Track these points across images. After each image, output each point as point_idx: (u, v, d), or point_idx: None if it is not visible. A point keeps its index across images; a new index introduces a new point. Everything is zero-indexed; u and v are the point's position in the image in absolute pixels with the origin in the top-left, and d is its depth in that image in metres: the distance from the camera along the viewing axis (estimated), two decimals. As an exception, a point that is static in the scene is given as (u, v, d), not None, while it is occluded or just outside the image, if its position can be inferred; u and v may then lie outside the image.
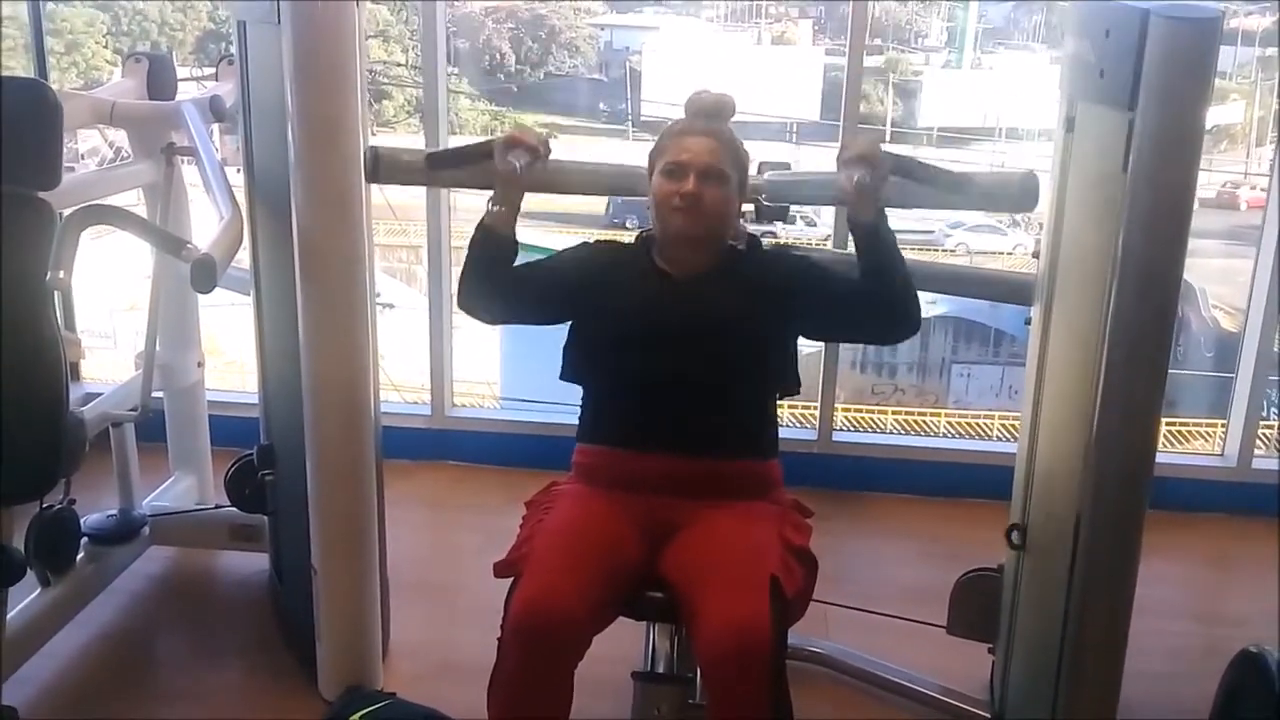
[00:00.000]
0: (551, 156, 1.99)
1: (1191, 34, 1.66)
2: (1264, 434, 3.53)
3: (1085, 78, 1.95)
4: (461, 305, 2.02)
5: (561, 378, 2.07)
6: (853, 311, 1.95)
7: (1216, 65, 1.72)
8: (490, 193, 1.97)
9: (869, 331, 2.03)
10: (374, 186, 2.27)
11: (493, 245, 1.95)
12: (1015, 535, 2.22)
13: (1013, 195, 1.94)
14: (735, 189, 2.00)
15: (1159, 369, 1.79)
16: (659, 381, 1.94)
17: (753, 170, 2.18)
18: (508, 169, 1.90)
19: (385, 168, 2.12)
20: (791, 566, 1.84)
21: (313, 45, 2.10)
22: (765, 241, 2.31)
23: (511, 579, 1.81)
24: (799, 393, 2.08)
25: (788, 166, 2.42)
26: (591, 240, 2.16)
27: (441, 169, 2.17)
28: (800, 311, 1.99)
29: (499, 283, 1.99)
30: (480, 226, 1.96)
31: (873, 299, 1.89)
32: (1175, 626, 2.82)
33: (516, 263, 2.00)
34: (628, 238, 2.19)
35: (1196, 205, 1.75)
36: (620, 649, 1.94)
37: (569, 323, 2.06)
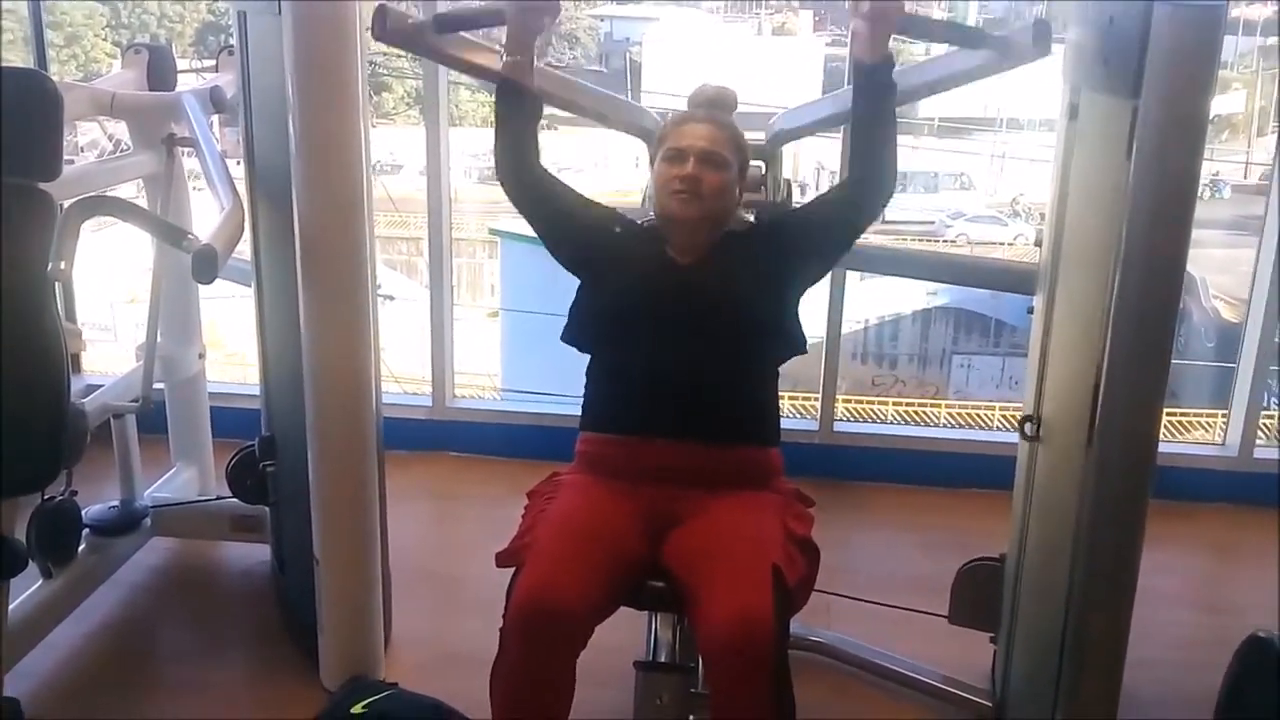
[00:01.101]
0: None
1: (1196, 22, 1.65)
2: (1265, 424, 3.53)
3: (1089, 66, 1.95)
4: (497, 171, 2.05)
5: (562, 338, 2.07)
6: (836, 202, 2.03)
7: (1220, 53, 1.71)
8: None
9: (851, 203, 2.01)
10: (375, 180, 2.26)
11: (513, 95, 2.01)
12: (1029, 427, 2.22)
13: (1025, 43, 1.92)
14: (735, 176, 2.00)
15: (1162, 358, 1.78)
16: (662, 367, 1.94)
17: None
18: (519, 19, 1.96)
19: (393, 25, 2.09)
20: (793, 556, 1.84)
21: (314, 35, 2.09)
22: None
23: (514, 569, 1.81)
24: (806, 351, 2.08)
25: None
26: (623, 215, 2.16)
27: (450, 30, 2.15)
28: (796, 246, 2.01)
29: (526, 140, 2.04)
30: (500, 80, 2.02)
31: (857, 150, 1.97)
32: (1176, 616, 2.82)
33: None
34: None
35: (1230, 192, 1.75)
36: (622, 638, 1.94)
37: (575, 276, 2.07)
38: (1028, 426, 2.18)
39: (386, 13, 2.07)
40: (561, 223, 2.07)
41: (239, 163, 2.65)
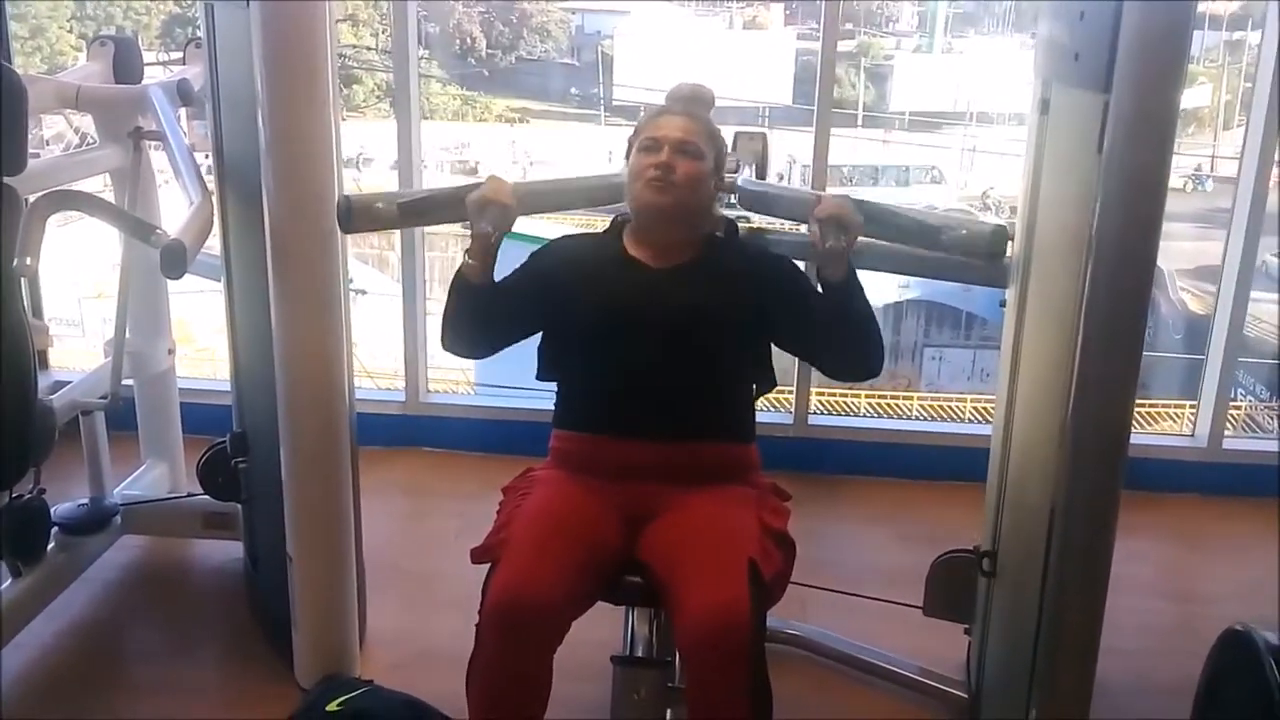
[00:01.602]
0: (529, 177, 1.98)
1: (1165, 16, 1.66)
2: (1230, 414, 3.56)
3: (1060, 60, 1.96)
4: (446, 348, 2.02)
5: (538, 378, 2.08)
6: (818, 342, 1.98)
7: (1190, 47, 1.72)
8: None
9: (830, 367, 2.02)
10: (347, 174, 2.25)
11: (470, 294, 1.95)
12: (986, 563, 2.26)
13: (983, 247, 1.96)
14: (710, 168, 2.00)
15: (1134, 350, 1.79)
16: (634, 369, 1.94)
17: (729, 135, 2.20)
18: (482, 232, 1.89)
19: (358, 216, 2.11)
20: (770, 550, 1.84)
21: (282, 27, 2.06)
22: (741, 226, 2.32)
23: (489, 565, 1.80)
24: (773, 390, 2.11)
25: (764, 136, 2.46)
26: (560, 237, 2.15)
27: (414, 215, 2.19)
28: (772, 321, 2.00)
29: (480, 327, 2.00)
30: (457, 275, 1.95)
31: (838, 344, 1.94)
32: (1147, 604, 2.85)
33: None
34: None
35: (1213, 185, 1.76)
36: (599, 633, 1.93)
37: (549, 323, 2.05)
38: (999, 430, 2.19)
39: (351, 204, 2.09)
40: (524, 324, 2.04)
41: (206, 156, 2.63)
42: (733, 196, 2.32)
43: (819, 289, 1.92)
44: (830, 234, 1.83)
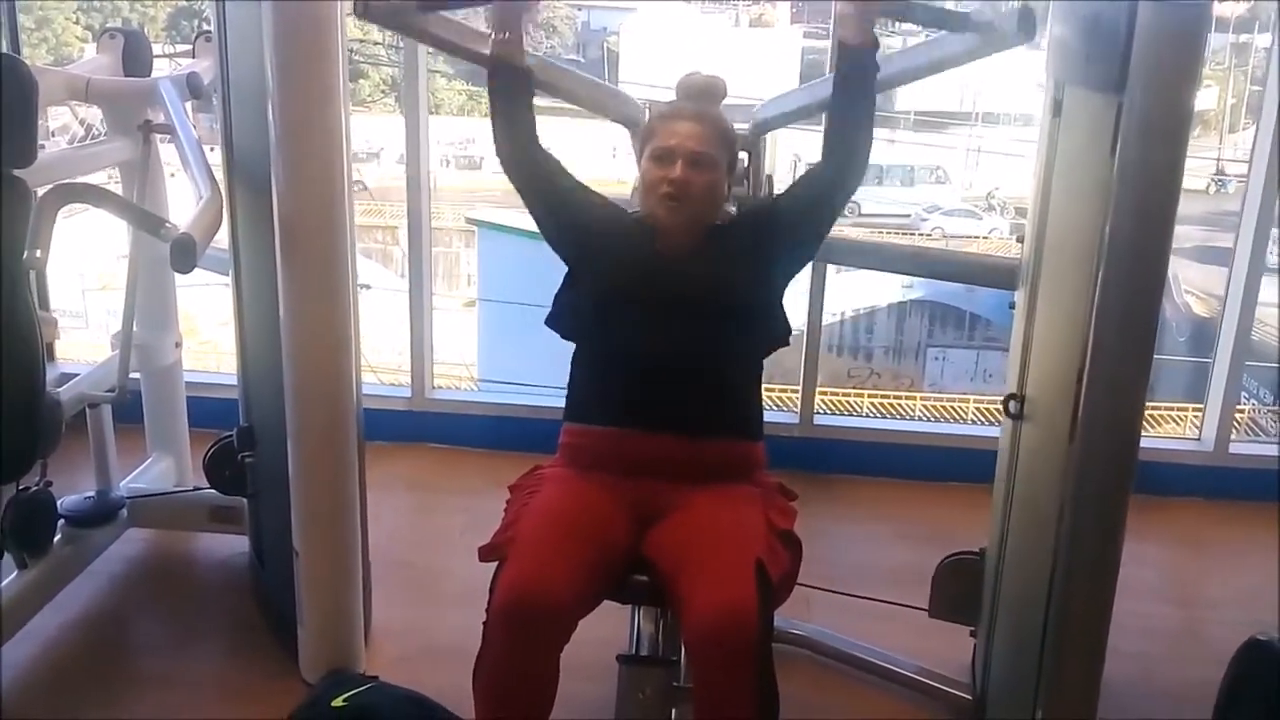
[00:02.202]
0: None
1: (1181, 18, 1.66)
2: (1235, 419, 3.56)
3: (1072, 62, 1.95)
4: (497, 152, 2.03)
5: (546, 322, 2.06)
6: (812, 185, 2.00)
7: (1205, 49, 1.71)
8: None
9: (827, 184, 2.00)
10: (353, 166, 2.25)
11: (507, 75, 1.98)
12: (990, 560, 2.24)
13: (1010, 28, 1.91)
14: (723, 174, 2.00)
15: (1145, 353, 1.79)
16: (647, 358, 1.94)
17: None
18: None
19: (375, 4, 2.05)
20: (777, 550, 1.84)
21: (295, 20, 2.06)
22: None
23: (497, 563, 1.80)
24: (788, 343, 2.08)
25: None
26: (615, 205, 2.14)
27: (433, 9, 2.13)
28: (778, 234, 2.00)
29: (522, 119, 2.01)
30: (491, 60, 1.99)
31: (834, 130, 1.96)
32: (1152, 608, 2.85)
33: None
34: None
35: (1235, 187, 1.75)
36: (605, 632, 1.93)
37: (564, 261, 2.06)
38: (1011, 405, 2.18)
39: None
40: (557, 207, 2.04)
41: (212, 149, 2.63)
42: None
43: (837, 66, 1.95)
44: None
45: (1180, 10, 1.66)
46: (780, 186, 2.40)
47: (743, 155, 2.31)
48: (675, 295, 1.95)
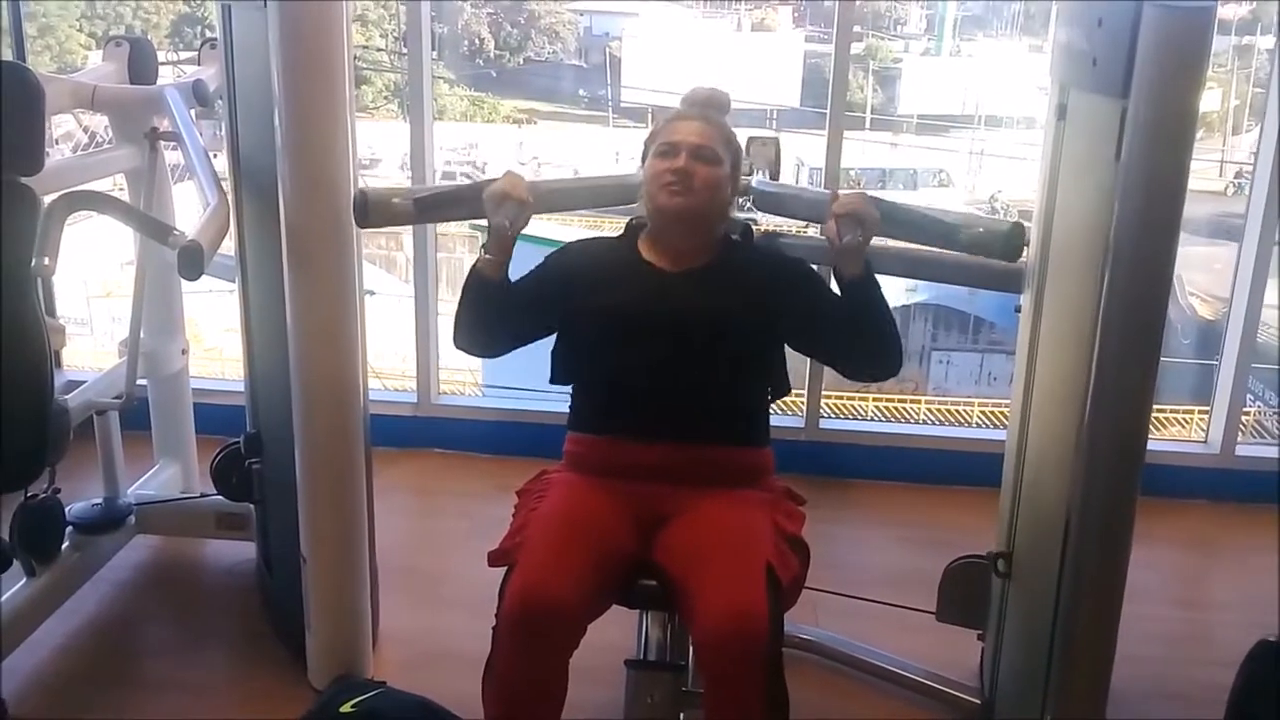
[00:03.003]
0: (543, 175, 1.99)
1: (1185, 22, 1.66)
2: (1241, 421, 3.55)
3: (1077, 66, 1.95)
4: (459, 346, 2.02)
5: (552, 381, 2.08)
6: (836, 344, 1.98)
7: (1210, 53, 1.72)
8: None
9: (849, 368, 2.01)
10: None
11: (485, 291, 1.95)
12: (1001, 564, 2.25)
13: (999, 246, 1.96)
14: (727, 173, 2.00)
15: (1151, 356, 1.79)
16: (649, 372, 1.94)
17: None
18: (500, 226, 1.89)
19: (375, 210, 2.11)
20: (785, 554, 1.84)
21: (300, 28, 2.07)
22: (755, 230, 2.33)
23: (505, 568, 1.80)
24: (787, 395, 2.10)
25: (776, 141, 2.48)
26: (575, 240, 2.15)
27: (430, 210, 2.20)
28: (787, 324, 2.00)
29: (493, 325, 2.00)
30: (473, 272, 1.96)
31: (856, 343, 1.94)
32: (1160, 612, 2.84)
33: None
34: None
35: None
36: (613, 637, 1.94)
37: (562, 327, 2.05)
38: (1015, 437, 2.19)
39: (367, 197, 2.09)
40: (536, 325, 2.04)
41: (217, 156, 2.63)
42: (749, 200, 2.33)
43: (836, 288, 1.92)
44: (847, 230, 1.84)
45: (1185, 14, 1.66)
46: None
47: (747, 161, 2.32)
48: (676, 312, 1.95)
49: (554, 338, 2.07)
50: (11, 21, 3.52)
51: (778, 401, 2.13)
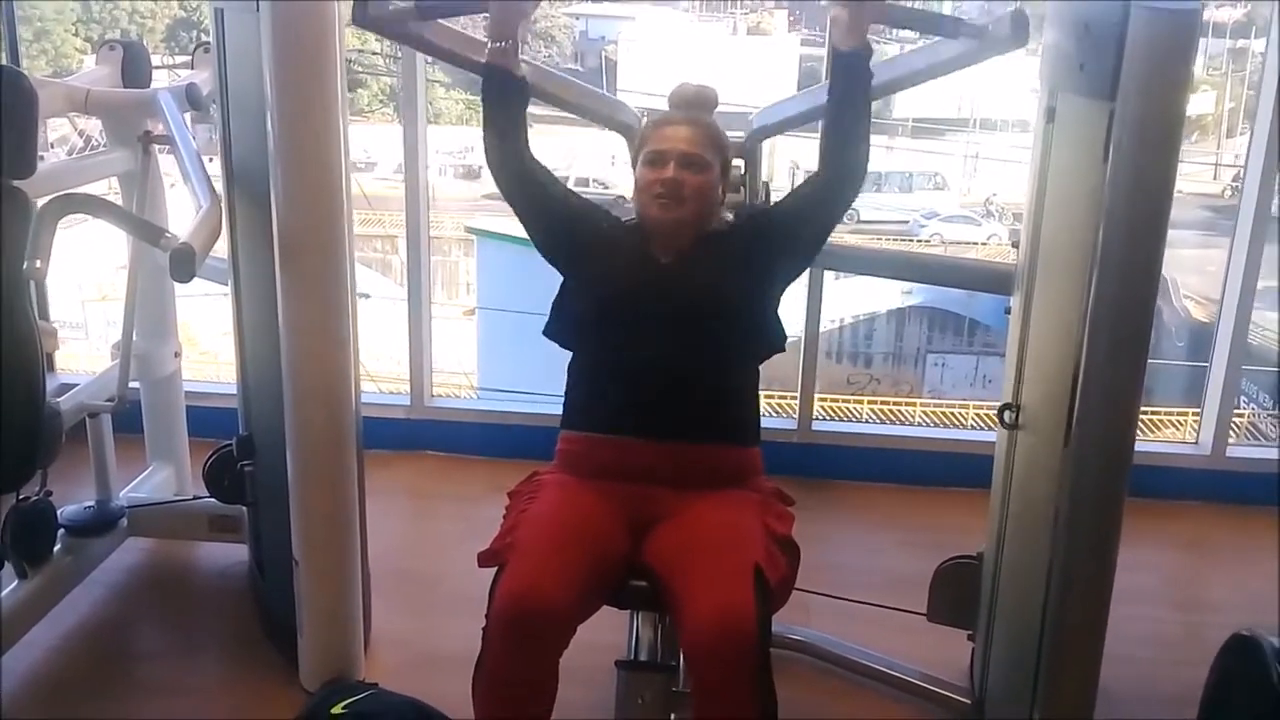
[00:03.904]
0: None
1: (1172, 25, 1.67)
2: (1235, 423, 3.57)
3: (1065, 69, 1.96)
4: (486, 159, 2.03)
5: (544, 332, 2.07)
6: (810, 194, 2.02)
7: (1196, 56, 1.73)
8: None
9: (825, 193, 2.00)
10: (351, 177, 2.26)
11: (500, 83, 1.99)
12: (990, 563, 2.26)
13: (1003, 32, 1.94)
14: (716, 176, 2.01)
15: (1139, 358, 1.80)
16: (644, 366, 1.94)
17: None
18: (504, 6, 1.93)
19: (374, 11, 2.08)
20: (775, 555, 1.85)
21: (292, 31, 2.08)
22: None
23: (495, 569, 1.81)
24: (784, 349, 2.09)
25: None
26: (608, 212, 2.15)
27: (432, 17, 2.15)
28: (775, 242, 2.01)
29: (514, 127, 2.01)
30: (486, 67, 1.99)
31: (831, 136, 1.96)
32: (1151, 613, 2.85)
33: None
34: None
35: None
36: (604, 637, 1.94)
37: (559, 272, 2.07)
38: (1006, 415, 2.19)
39: None
40: (548, 216, 2.06)
41: (211, 160, 2.64)
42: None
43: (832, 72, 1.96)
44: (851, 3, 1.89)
45: (1171, 17, 1.68)
46: (778, 194, 2.41)
47: (739, 163, 2.32)
48: (670, 301, 1.96)
49: (558, 290, 2.08)
50: (7, 26, 3.53)
51: (767, 392, 2.12)
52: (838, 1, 1.92)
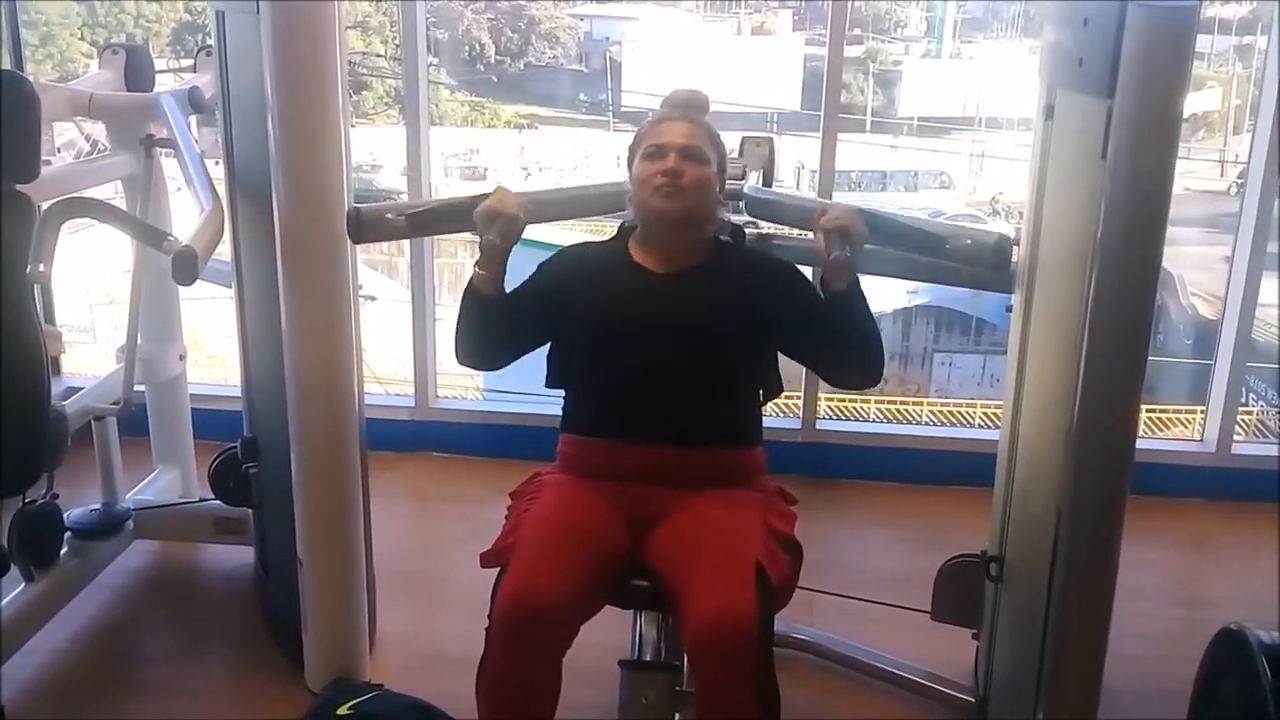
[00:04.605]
0: (536, 184, 2.01)
1: (1169, 22, 1.67)
2: (1241, 420, 3.56)
3: (1064, 66, 1.96)
4: (461, 361, 2.04)
5: (548, 385, 2.10)
6: (820, 350, 2.02)
7: (1194, 53, 1.72)
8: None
9: (832, 375, 2.09)
10: (356, 180, 2.27)
11: (481, 306, 1.97)
12: (993, 568, 2.26)
13: (987, 258, 1.99)
14: (714, 172, 2.01)
15: (1139, 354, 1.80)
16: (641, 374, 1.95)
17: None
18: (490, 243, 1.91)
19: (368, 227, 2.15)
20: (776, 553, 1.85)
21: (292, 34, 2.09)
22: (749, 232, 2.33)
23: (498, 569, 1.81)
24: (780, 395, 2.12)
25: (771, 141, 2.49)
26: (567, 246, 2.16)
27: (422, 226, 2.24)
28: (776, 327, 2.01)
29: (492, 339, 2.02)
30: (469, 288, 1.97)
31: (840, 352, 1.97)
32: (1156, 610, 2.85)
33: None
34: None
35: None
36: (607, 637, 1.95)
37: (566, 331, 2.06)
38: (1006, 435, 2.20)
39: (360, 215, 2.12)
40: (536, 335, 2.07)
41: (217, 163, 2.65)
42: (742, 203, 2.34)
43: (823, 298, 1.93)
44: (835, 244, 1.87)
45: (1169, 13, 1.67)
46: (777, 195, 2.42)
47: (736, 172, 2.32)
48: (667, 314, 1.96)
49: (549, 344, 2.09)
50: (9, 30, 3.54)
51: (770, 402, 2.15)
52: (827, 240, 1.89)
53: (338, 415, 2.27)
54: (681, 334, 1.95)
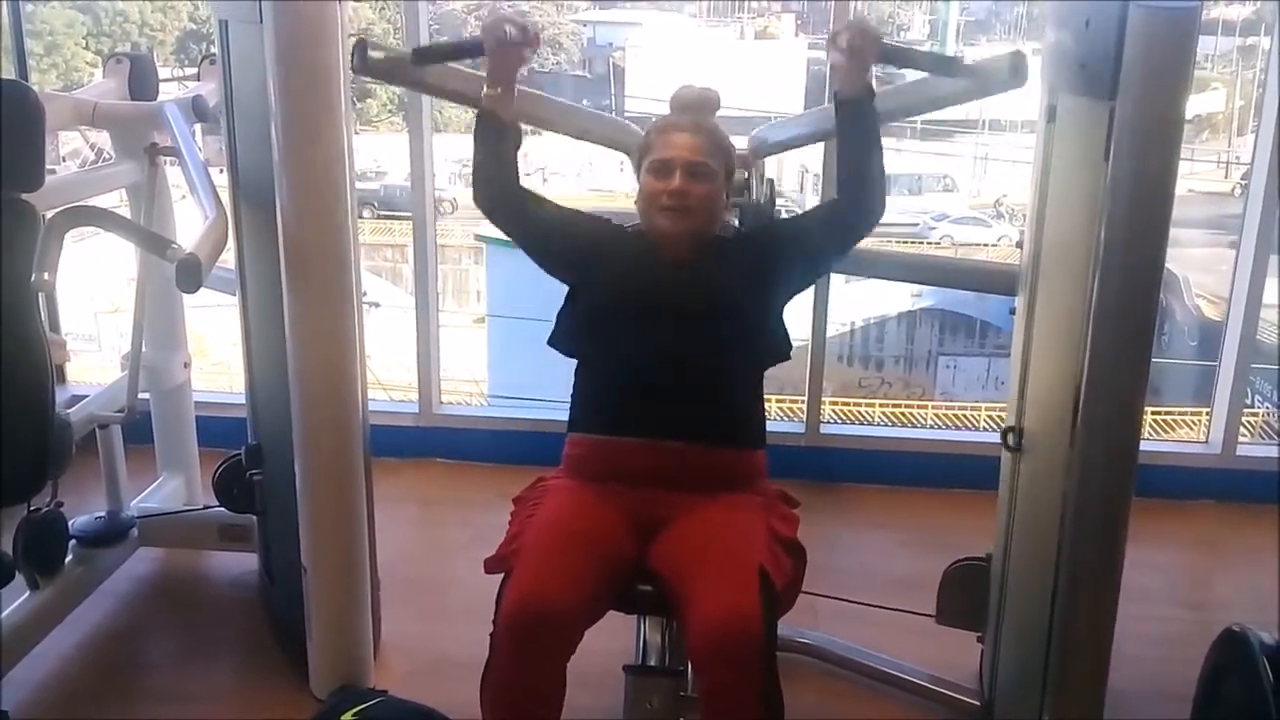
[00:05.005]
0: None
1: (1170, 24, 1.67)
2: (1247, 421, 3.55)
3: (1066, 69, 1.96)
4: (478, 202, 2.05)
5: (549, 342, 2.08)
6: (824, 221, 2.06)
7: (1195, 55, 1.73)
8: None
9: (839, 224, 2.03)
10: (360, 187, 2.27)
11: (493, 128, 2.01)
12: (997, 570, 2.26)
13: (1002, 73, 1.96)
14: (721, 183, 2.01)
15: (1142, 357, 1.80)
16: (649, 367, 1.95)
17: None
18: (498, 34, 1.94)
19: (372, 59, 2.11)
20: (779, 557, 1.85)
21: (295, 43, 2.09)
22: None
23: (502, 575, 1.81)
24: (789, 357, 2.09)
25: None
26: (610, 220, 2.16)
27: (428, 63, 2.18)
28: (783, 256, 2.02)
29: (505, 170, 2.03)
30: (479, 112, 2.01)
31: (845, 169, 1.98)
32: (1161, 612, 2.84)
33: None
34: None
35: None
36: (612, 642, 1.94)
37: (565, 284, 2.08)
38: (1010, 438, 2.19)
39: (365, 46, 2.10)
40: (545, 239, 2.07)
41: (221, 171, 2.65)
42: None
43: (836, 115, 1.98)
44: (851, 47, 1.92)
45: (1170, 16, 1.68)
46: (781, 200, 2.42)
47: (742, 170, 2.32)
48: (676, 303, 1.96)
49: (562, 301, 2.09)
50: (14, 39, 3.55)
51: (776, 396, 2.14)
52: (837, 47, 1.93)
53: (342, 422, 2.28)
54: (692, 325, 1.95)
